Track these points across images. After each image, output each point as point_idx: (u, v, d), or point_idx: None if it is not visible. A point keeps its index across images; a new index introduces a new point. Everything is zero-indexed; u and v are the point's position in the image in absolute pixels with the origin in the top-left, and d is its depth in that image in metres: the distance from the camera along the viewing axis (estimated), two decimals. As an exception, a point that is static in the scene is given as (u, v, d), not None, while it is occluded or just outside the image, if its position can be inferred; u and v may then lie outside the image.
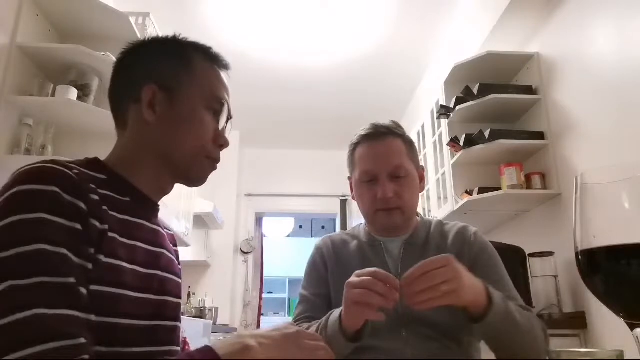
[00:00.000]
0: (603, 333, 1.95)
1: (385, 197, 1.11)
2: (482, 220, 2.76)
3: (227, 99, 0.85)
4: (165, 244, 0.85)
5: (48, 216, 0.60)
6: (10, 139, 2.03)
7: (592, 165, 2.02)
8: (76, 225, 0.63)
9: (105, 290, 0.66)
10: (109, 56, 2.23)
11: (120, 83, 0.85)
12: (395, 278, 0.87)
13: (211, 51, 0.87)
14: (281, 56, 3.71)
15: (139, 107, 0.80)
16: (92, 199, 0.67)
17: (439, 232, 1.18)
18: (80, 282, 0.60)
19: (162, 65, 0.82)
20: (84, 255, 0.63)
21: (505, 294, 1.03)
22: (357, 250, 1.19)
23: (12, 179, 0.64)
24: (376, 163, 1.13)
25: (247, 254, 5.09)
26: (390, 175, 1.12)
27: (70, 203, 0.63)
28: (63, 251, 0.60)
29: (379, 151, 1.15)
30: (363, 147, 1.17)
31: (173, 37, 0.86)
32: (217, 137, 0.83)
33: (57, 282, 0.58)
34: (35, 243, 0.58)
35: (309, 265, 1.24)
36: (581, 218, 0.45)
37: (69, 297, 0.58)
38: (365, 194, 1.15)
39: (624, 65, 1.86)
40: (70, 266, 0.60)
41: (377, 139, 1.15)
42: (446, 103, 2.76)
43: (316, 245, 1.26)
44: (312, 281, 1.21)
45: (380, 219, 1.14)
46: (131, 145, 0.81)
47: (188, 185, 0.86)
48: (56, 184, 0.63)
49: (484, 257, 1.12)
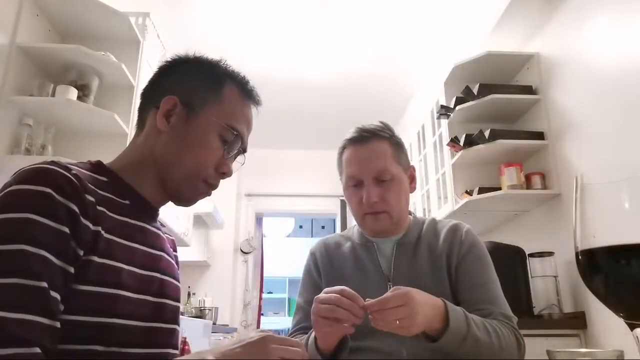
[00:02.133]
0: (603, 333, 1.95)
1: (370, 202, 1.11)
2: (482, 220, 2.77)
3: (243, 132, 0.86)
4: (166, 247, 0.86)
5: (35, 217, 0.61)
6: (10, 139, 2.03)
7: (592, 165, 2.02)
8: (63, 228, 0.63)
9: (100, 290, 0.67)
10: (109, 56, 2.23)
11: (152, 87, 0.87)
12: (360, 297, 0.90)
13: (247, 85, 0.89)
14: (281, 57, 3.71)
15: (156, 114, 0.82)
16: (87, 200, 0.67)
17: (431, 231, 1.18)
18: (54, 286, 0.61)
19: (193, 83, 0.84)
20: (68, 258, 0.64)
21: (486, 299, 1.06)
22: (350, 252, 1.20)
23: (11, 178, 0.66)
24: (360, 167, 1.13)
25: (247, 254, 5.09)
26: (375, 179, 1.12)
27: (62, 204, 0.64)
28: (43, 253, 0.61)
29: (363, 155, 1.14)
30: (348, 151, 1.16)
31: (217, 61, 0.88)
32: (220, 164, 0.83)
33: (28, 284, 0.59)
34: (17, 243, 0.59)
35: (303, 272, 1.25)
36: (581, 218, 0.45)
37: (38, 301, 0.59)
38: (352, 198, 1.16)
39: (624, 65, 1.86)
40: (48, 269, 0.61)
41: (361, 142, 1.15)
42: (446, 103, 2.76)
43: (310, 251, 1.27)
44: (306, 287, 1.22)
45: (368, 223, 1.15)
46: (140, 149, 0.83)
47: (175, 203, 0.86)
48: (50, 185, 0.64)
49: (470, 258, 1.12)
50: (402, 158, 1.17)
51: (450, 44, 3.36)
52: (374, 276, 1.14)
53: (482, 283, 1.09)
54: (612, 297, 0.44)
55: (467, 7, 3.03)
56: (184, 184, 0.82)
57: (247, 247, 5.08)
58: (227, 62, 0.89)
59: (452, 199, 2.69)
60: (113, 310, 0.68)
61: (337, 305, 0.88)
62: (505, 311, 1.06)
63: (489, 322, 0.99)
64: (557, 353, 0.54)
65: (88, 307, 0.65)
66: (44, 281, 0.60)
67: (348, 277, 1.15)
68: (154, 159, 0.82)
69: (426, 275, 1.11)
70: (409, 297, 0.86)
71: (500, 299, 1.09)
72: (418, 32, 3.43)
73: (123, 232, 0.74)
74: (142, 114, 0.86)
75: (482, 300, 1.07)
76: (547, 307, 2.17)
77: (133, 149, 0.85)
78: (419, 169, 3.45)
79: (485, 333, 0.96)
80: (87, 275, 0.66)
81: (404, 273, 1.12)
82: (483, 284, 1.09)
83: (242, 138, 0.86)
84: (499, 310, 1.05)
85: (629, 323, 0.43)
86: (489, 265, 1.14)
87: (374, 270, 1.15)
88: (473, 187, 2.56)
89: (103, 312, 0.67)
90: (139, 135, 0.85)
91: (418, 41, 3.53)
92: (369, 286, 1.12)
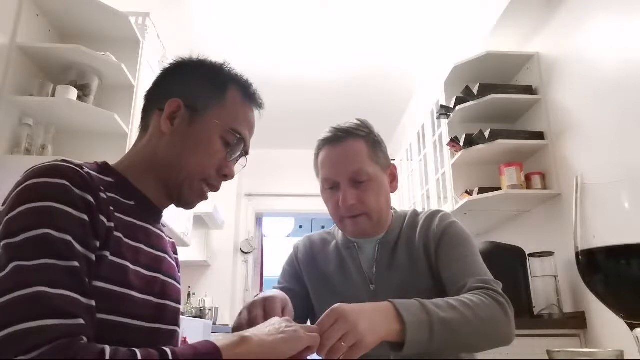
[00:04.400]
0: (603, 333, 1.95)
1: (346, 205, 1.06)
2: (482, 220, 2.77)
3: (246, 135, 0.87)
4: (168, 249, 0.87)
5: (57, 205, 0.63)
6: (10, 139, 2.03)
7: (592, 165, 2.02)
8: (84, 216, 0.65)
9: (110, 288, 0.68)
10: (109, 56, 2.23)
11: (157, 89, 0.88)
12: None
13: (250, 89, 0.90)
14: (281, 56, 3.71)
15: (160, 116, 0.83)
16: (101, 196, 0.69)
17: (410, 225, 1.14)
18: (83, 270, 0.62)
19: (198, 86, 0.85)
20: (90, 246, 0.65)
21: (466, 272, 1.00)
22: (334, 252, 1.19)
23: (24, 176, 0.67)
24: (335, 169, 1.08)
25: (247, 254, 5.09)
26: (351, 181, 1.07)
27: (80, 196, 0.65)
28: (68, 238, 0.62)
29: (338, 156, 1.09)
30: (323, 153, 1.12)
31: (221, 64, 0.89)
32: (222, 166, 0.84)
33: (60, 264, 0.60)
34: (42, 228, 0.60)
35: (285, 261, 1.25)
36: (581, 218, 0.45)
37: (72, 279, 0.60)
38: (329, 201, 1.12)
39: (624, 65, 1.86)
40: (73, 252, 0.62)
41: (335, 143, 1.10)
42: (446, 103, 2.76)
43: (295, 244, 1.26)
44: (285, 276, 1.22)
45: (347, 227, 1.11)
46: (144, 151, 0.84)
47: (176, 205, 0.86)
48: (67, 178, 0.65)
49: (445, 239, 1.07)
50: (379, 157, 1.12)
51: (450, 44, 3.35)
52: (357, 278, 1.12)
53: (459, 258, 1.04)
54: (612, 297, 0.44)
55: (467, 7, 3.03)
56: (185, 186, 0.82)
57: (247, 247, 5.08)
58: (231, 65, 0.90)
59: (452, 199, 2.69)
60: (120, 309, 0.69)
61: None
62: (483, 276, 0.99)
63: (455, 298, 0.91)
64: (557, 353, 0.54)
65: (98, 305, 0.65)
66: (75, 262, 0.61)
67: (332, 278, 1.14)
68: (157, 160, 0.82)
69: (405, 273, 1.08)
70: (339, 312, 0.78)
71: (478, 268, 1.02)
72: (418, 32, 3.42)
73: (129, 232, 0.75)
74: (146, 116, 0.87)
75: (461, 274, 1.01)
76: (547, 307, 2.17)
77: (137, 151, 0.85)
78: (419, 168, 3.46)
79: (452, 311, 0.86)
80: (100, 271, 0.66)
81: (385, 273, 1.10)
82: (460, 258, 1.04)
83: (244, 141, 0.86)
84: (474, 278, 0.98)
85: (629, 323, 0.43)
86: (466, 240, 1.08)
87: (357, 272, 1.13)
88: (473, 187, 2.56)
89: (110, 311, 0.67)
90: (143, 138, 0.86)
91: (418, 41, 3.53)
92: (352, 288, 1.11)
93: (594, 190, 0.44)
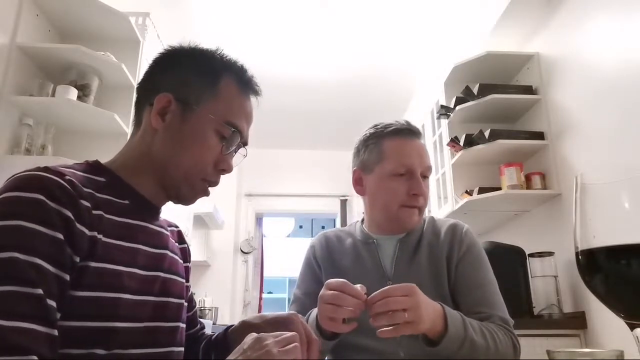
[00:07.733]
0: (603, 333, 1.95)
1: (422, 194, 1.12)
2: (482, 220, 2.76)
3: (242, 126, 0.83)
4: (169, 244, 0.84)
5: (27, 224, 0.60)
6: (10, 139, 2.03)
7: (592, 165, 2.02)
8: (57, 234, 0.62)
9: (101, 295, 0.66)
10: (109, 56, 2.23)
11: (147, 83, 0.84)
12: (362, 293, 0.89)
13: (245, 75, 0.85)
14: (281, 56, 3.71)
15: (151, 111, 0.80)
16: (82, 205, 0.66)
17: (431, 229, 1.19)
18: (50, 294, 0.59)
19: (188, 77, 0.81)
20: (64, 265, 0.62)
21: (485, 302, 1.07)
22: (351, 248, 1.19)
23: (3, 185, 0.65)
24: (418, 160, 1.14)
25: (247, 254, 5.09)
26: (421, 175, 1.14)
27: (55, 210, 0.62)
28: (37, 261, 0.59)
29: (419, 148, 1.16)
30: (397, 141, 1.15)
31: (212, 51, 0.85)
32: (219, 161, 0.81)
33: (23, 292, 0.57)
34: (8, 251, 0.58)
35: (303, 264, 1.25)
36: (581, 218, 0.45)
37: (34, 308, 0.57)
38: (396, 187, 1.13)
39: (624, 65, 1.86)
40: (42, 277, 0.59)
41: (412, 136, 1.16)
42: (446, 103, 2.76)
43: (310, 244, 1.27)
44: (305, 279, 1.22)
45: (403, 215, 1.13)
46: (137, 148, 0.81)
47: (174, 201, 0.84)
48: (43, 191, 0.62)
49: (469, 258, 1.12)
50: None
51: (450, 44, 3.35)
52: (374, 273, 1.14)
53: (480, 285, 1.10)
54: (612, 297, 0.44)
55: (467, 7, 3.03)
56: (182, 183, 0.80)
57: (247, 247, 5.08)
58: (224, 51, 0.86)
59: (452, 199, 2.69)
60: (113, 313, 0.67)
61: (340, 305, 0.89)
62: (503, 315, 1.07)
63: (485, 326, 1.00)
64: (557, 353, 0.54)
65: (87, 312, 0.64)
66: (39, 288, 0.58)
67: (348, 272, 1.15)
68: (151, 158, 0.80)
69: (426, 276, 1.11)
70: (412, 289, 0.87)
71: (498, 302, 1.09)
72: (418, 32, 3.42)
73: (123, 233, 0.73)
74: (138, 111, 0.84)
75: (481, 303, 1.07)
76: (547, 307, 2.17)
77: (130, 148, 0.83)
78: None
79: (482, 337, 0.97)
80: (83, 281, 0.64)
81: (405, 272, 1.12)
82: (481, 285, 1.10)
83: (241, 133, 0.83)
84: (497, 314, 1.06)
85: (629, 323, 0.43)
86: (487, 265, 1.14)
87: (375, 268, 1.15)
88: (473, 187, 2.56)
89: (103, 317, 0.66)
90: (136, 133, 0.83)
91: (418, 41, 3.52)
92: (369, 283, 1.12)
93: (594, 190, 0.44)
